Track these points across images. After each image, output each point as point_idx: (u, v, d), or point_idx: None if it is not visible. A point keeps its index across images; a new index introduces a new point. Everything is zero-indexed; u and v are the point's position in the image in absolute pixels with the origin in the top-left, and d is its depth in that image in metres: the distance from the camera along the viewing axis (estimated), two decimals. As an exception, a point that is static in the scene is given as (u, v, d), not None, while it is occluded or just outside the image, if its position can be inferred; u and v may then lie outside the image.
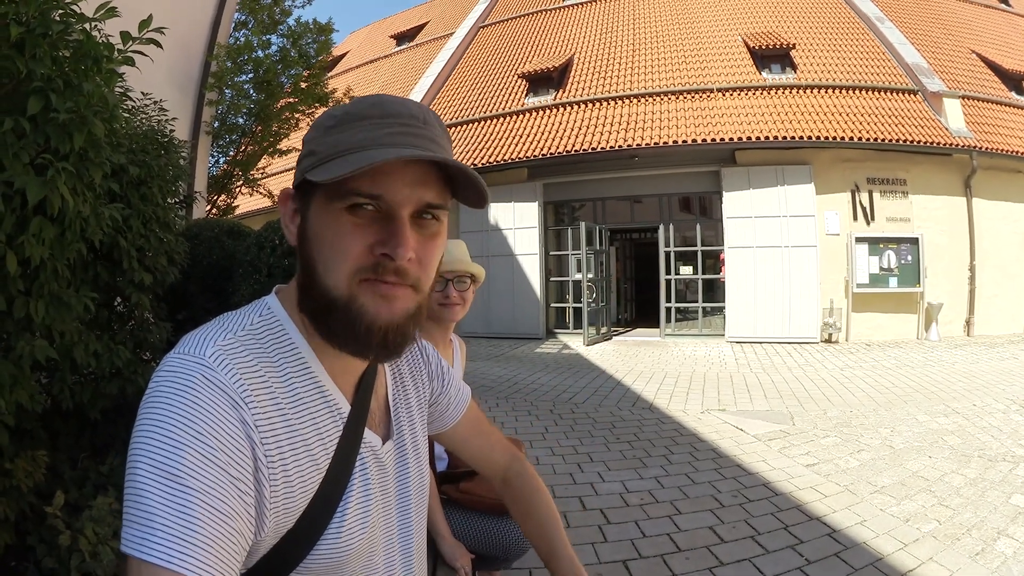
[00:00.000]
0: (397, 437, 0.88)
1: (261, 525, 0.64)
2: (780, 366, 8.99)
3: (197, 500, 0.56)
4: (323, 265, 0.68)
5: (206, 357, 0.64)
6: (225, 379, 0.63)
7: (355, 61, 23.74)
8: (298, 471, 0.68)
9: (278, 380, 0.69)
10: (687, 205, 13.76)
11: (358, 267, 0.67)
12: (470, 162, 13.11)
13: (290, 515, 0.68)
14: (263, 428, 0.64)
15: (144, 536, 0.54)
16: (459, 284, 2.02)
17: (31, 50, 1.68)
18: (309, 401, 0.71)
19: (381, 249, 0.67)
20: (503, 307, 13.13)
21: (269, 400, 0.66)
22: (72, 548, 1.91)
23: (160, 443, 0.57)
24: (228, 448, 0.60)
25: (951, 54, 14.05)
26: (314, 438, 0.71)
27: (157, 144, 3.30)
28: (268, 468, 0.64)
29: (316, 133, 0.71)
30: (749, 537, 3.28)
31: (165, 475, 0.56)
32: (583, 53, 16.02)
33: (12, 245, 1.75)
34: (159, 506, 0.55)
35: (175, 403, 0.60)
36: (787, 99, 12.69)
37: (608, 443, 5.17)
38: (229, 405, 0.62)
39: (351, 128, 0.68)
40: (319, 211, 0.69)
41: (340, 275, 0.67)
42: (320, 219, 0.69)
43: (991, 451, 4.55)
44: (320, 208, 0.69)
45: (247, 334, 0.69)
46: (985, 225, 11.62)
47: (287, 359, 0.71)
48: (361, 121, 0.68)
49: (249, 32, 9.96)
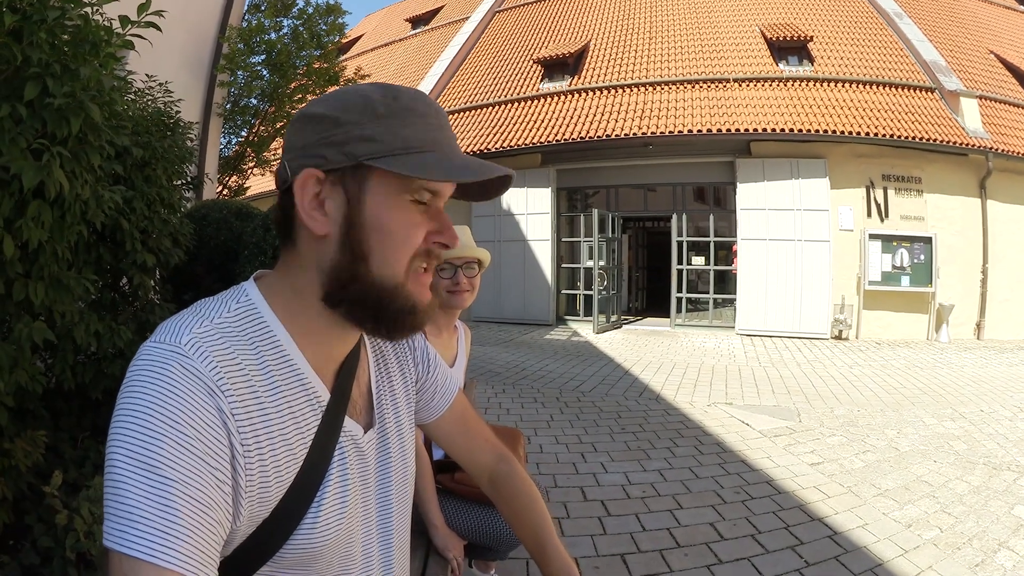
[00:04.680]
0: (379, 426, 0.86)
1: (237, 514, 0.63)
2: (789, 361, 8.93)
3: (176, 491, 0.56)
4: (381, 254, 0.69)
5: (182, 345, 0.63)
6: (201, 367, 0.62)
7: (370, 44, 23.63)
8: (274, 460, 0.67)
9: (255, 367, 0.68)
10: (701, 195, 13.66)
11: (415, 255, 0.71)
12: (484, 146, 13.08)
13: (266, 505, 0.67)
14: (239, 416, 0.64)
15: (124, 529, 0.54)
16: (468, 270, 2.03)
17: (28, 37, 1.66)
18: (287, 389, 0.70)
19: (437, 238, 0.72)
20: (514, 293, 13.12)
21: (246, 388, 0.65)
22: (69, 528, 1.92)
23: (137, 433, 0.57)
24: (205, 437, 0.60)
25: (969, 53, 13.79)
26: (291, 426, 0.70)
27: (162, 126, 3.29)
28: (244, 457, 0.63)
29: (365, 117, 0.68)
30: (749, 535, 3.26)
31: (143, 466, 0.55)
32: (599, 39, 15.84)
33: (10, 229, 1.75)
34: (138, 498, 0.54)
35: (151, 392, 0.59)
36: (804, 92, 12.51)
37: (613, 433, 5.16)
38: (205, 393, 0.61)
39: (408, 121, 0.68)
40: (383, 199, 0.68)
41: (400, 263, 0.70)
42: (384, 208, 0.69)
43: (996, 459, 4.49)
44: (382, 197, 0.68)
45: (224, 321, 0.68)
46: (999, 228, 11.44)
47: (265, 346, 0.70)
48: (417, 117, 0.69)
49: (262, 14, 9.93)
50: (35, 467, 2.18)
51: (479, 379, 7.29)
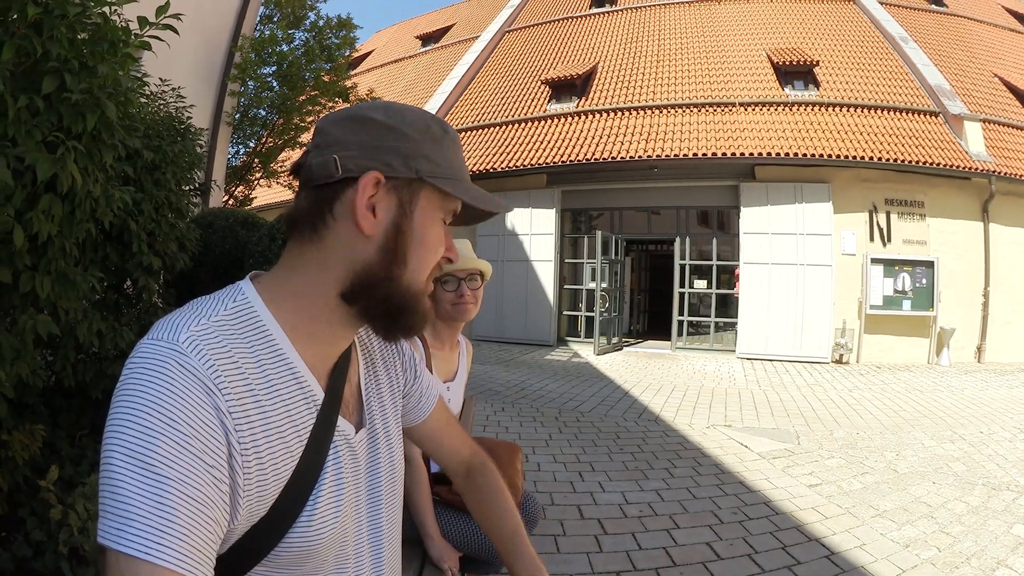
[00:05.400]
0: (369, 426, 0.87)
1: (235, 513, 0.63)
2: (789, 384, 8.90)
3: (172, 489, 0.56)
4: (417, 262, 0.76)
5: (179, 343, 0.63)
6: (198, 365, 0.62)
7: (380, 60, 23.86)
8: (271, 458, 0.67)
9: (251, 366, 0.68)
10: (704, 219, 13.68)
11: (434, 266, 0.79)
12: (490, 166, 13.17)
13: (262, 503, 0.67)
14: (236, 415, 0.64)
15: (120, 527, 0.54)
16: (471, 283, 2.04)
17: (48, 31, 1.70)
18: (283, 387, 0.71)
19: (448, 253, 0.80)
20: (516, 312, 13.12)
21: (242, 386, 0.66)
22: (62, 523, 1.93)
23: (134, 431, 0.57)
24: (202, 435, 0.60)
25: (974, 77, 13.88)
26: (287, 425, 0.70)
27: (173, 130, 3.33)
28: (242, 455, 0.63)
29: (426, 138, 0.75)
30: (746, 555, 3.24)
31: (139, 464, 0.55)
32: (607, 62, 16.00)
33: (21, 220, 1.77)
34: (134, 496, 0.54)
35: (148, 390, 0.59)
36: (809, 116, 12.59)
37: (611, 453, 5.14)
38: (203, 391, 0.61)
39: (454, 151, 0.78)
40: (427, 213, 0.76)
41: (427, 272, 0.77)
42: (428, 222, 0.76)
43: (995, 479, 4.47)
44: (428, 211, 0.76)
45: (221, 320, 0.68)
46: (1001, 251, 11.44)
47: (260, 345, 0.70)
48: (455, 146, 0.79)
49: (275, 26, 10.05)
50: (32, 461, 2.19)
51: (479, 397, 7.27)
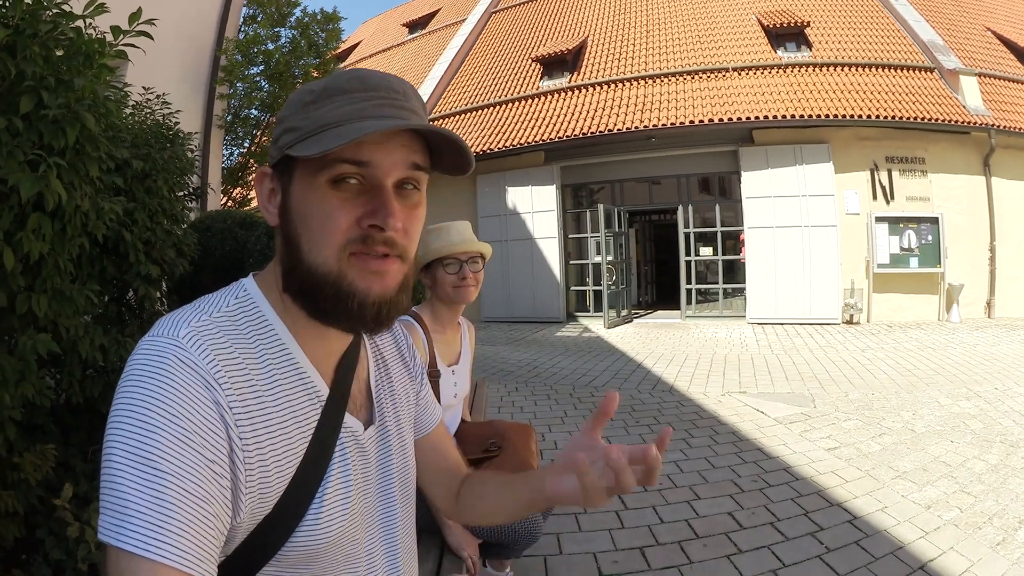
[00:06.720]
0: (380, 423, 0.85)
1: (237, 510, 0.62)
2: (801, 347, 8.87)
3: (171, 484, 0.55)
4: (308, 242, 0.68)
5: (180, 338, 0.63)
6: (199, 360, 0.62)
7: (368, 51, 23.69)
8: (274, 454, 0.66)
9: (253, 361, 0.67)
10: (706, 186, 13.59)
11: (347, 241, 0.67)
12: (486, 147, 13.07)
13: (267, 500, 0.66)
14: (237, 410, 0.63)
15: (119, 524, 0.53)
16: (472, 265, 2.04)
17: (22, 51, 1.67)
18: (286, 383, 0.70)
19: (370, 221, 0.67)
20: (523, 291, 13.11)
21: (244, 381, 0.65)
22: (80, 540, 1.92)
23: (133, 426, 0.56)
24: (202, 430, 0.59)
25: (966, 31, 13.67)
26: (291, 421, 0.69)
27: (162, 137, 3.29)
28: (243, 451, 0.63)
29: (294, 109, 0.70)
30: (768, 523, 3.23)
31: (138, 459, 0.55)
32: (596, 35, 15.82)
33: (11, 242, 1.75)
34: (133, 492, 0.54)
35: (148, 385, 0.58)
36: (803, 77, 12.44)
37: (627, 426, 5.14)
38: (203, 386, 0.61)
39: (332, 103, 0.68)
40: (302, 187, 0.68)
41: (328, 251, 0.67)
42: (304, 195, 0.68)
43: (1013, 436, 4.44)
44: (303, 184, 0.68)
45: (223, 316, 0.68)
46: (1005, 205, 11.31)
47: (263, 340, 0.70)
48: (342, 95, 0.68)
49: (258, 25, 9.95)
50: (45, 481, 2.18)
51: (491, 378, 7.28)
